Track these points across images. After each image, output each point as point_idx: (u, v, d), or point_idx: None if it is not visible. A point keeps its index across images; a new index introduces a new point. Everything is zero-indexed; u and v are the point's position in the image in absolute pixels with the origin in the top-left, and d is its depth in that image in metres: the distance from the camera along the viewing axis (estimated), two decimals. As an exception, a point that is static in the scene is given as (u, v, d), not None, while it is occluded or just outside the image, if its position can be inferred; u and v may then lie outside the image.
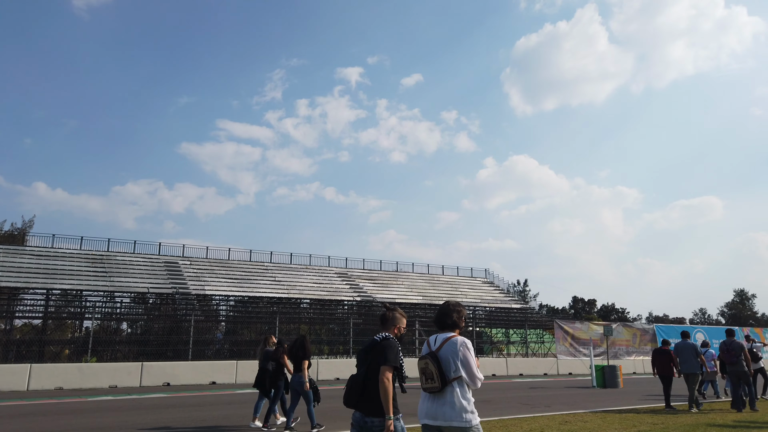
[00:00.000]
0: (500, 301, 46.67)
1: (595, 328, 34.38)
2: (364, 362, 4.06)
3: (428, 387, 3.78)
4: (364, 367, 4.03)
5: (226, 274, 40.03)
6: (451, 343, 3.80)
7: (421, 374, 3.82)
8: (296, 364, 9.29)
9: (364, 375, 4.00)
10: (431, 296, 44.35)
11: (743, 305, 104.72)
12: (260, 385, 9.88)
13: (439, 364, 3.72)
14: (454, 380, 3.73)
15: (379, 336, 4.14)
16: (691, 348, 12.31)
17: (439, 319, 4.01)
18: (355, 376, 4.13)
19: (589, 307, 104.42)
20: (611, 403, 13.67)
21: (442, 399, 3.72)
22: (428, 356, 3.78)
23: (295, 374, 9.24)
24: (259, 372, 9.98)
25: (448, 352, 3.78)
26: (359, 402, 4.00)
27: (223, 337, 35.12)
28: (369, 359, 4.00)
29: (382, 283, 45.49)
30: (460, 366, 3.75)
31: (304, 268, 45.31)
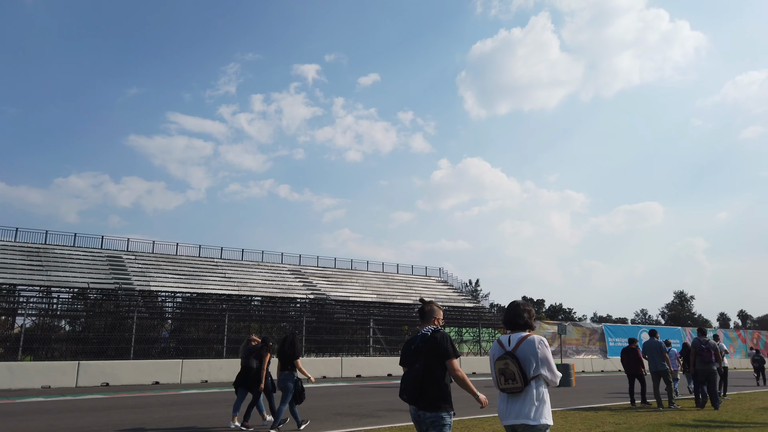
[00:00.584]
0: (454, 300, 46.78)
1: (546, 327, 34.79)
2: (418, 357, 4.06)
3: (509, 387, 3.73)
4: (421, 362, 4.02)
5: (173, 269, 38.49)
6: (529, 341, 3.76)
7: (500, 375, 3.77)
8: (285, 363, 9.02)
9: (423, 370, 3.99)
10: (386, 295, 44.01)
11: (682, 306, 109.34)
12: (242, 384, 9.53)
13: (520, 364, 3.67)
14: (533, 379, 3.70)
15: (428, 329, 4.14)
16: (657, 347, 12.52)
17: (510, 319, 3.97)
18: (413, 371, 4.07)
19: (537, 307, 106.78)
20: (569, 402, 13.56)
21: (521, 398, 3.68)
22: (508, 356, 3.72)
23: (282, 373, 8.98)
24: (242, 370, 9.63)
25: (526, 351, 3.73)
26: (419, 398, 4.01)
27: (169, 335, 33.68)
28: (424, 353, 4.01)
29: (336, 280, 44.84)
30: (540, 364, 3.71)
31: (256, 264, 44.15)
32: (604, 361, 34.68)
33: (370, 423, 9.76)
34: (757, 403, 12.97)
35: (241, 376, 9.61)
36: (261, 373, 9.40)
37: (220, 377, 21.43)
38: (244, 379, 9.52)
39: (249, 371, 9.49)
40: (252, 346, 9.82)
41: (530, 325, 3.91)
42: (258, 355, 9.56)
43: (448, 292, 49.09)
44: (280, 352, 9.20)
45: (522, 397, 3.68)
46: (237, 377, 9.69)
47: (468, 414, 10.75)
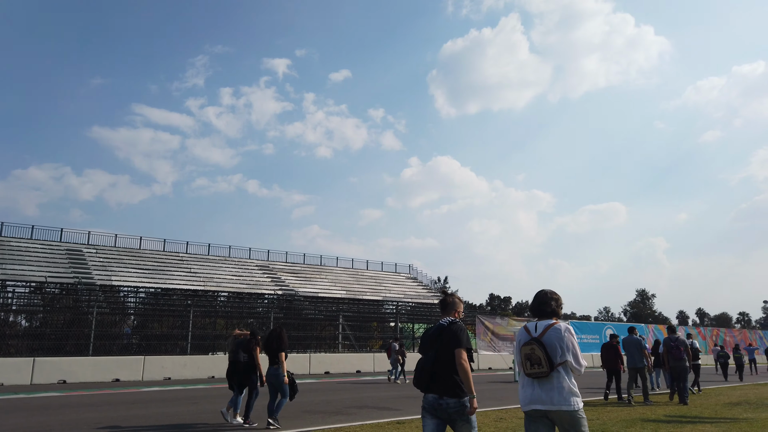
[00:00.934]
0: (423, 296, 46.76)
1: (515, 323, 34.97)
2: (433, 346, 4.14)
3: (535, 372, 3.76)
4: (434, 350, 4.10)
5: (136, 264, 37.42)
6: (555, 329, 3.82)
7: (526, 360, 3.82)
8: (272, 357, 8.79)
9: (434, 358, 4.07)
10: (355, 291, 43.69)
11: (644, 304, 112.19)
12: (233, 379, 9.26)
13: (546, 350, 3.72)
14: (559, 365, 3.73)
15: (445, 320, 4.22)
16: (636, 343, 12.69)
17: (537, 307, 4.04)
18: (425, 359, 4.16)
19: (504, 304, 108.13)
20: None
21: (549, 384, 3.71)
22: (534, 342, 3.78)
23: (271, 367, 8.75)
24: (230, 365, 9.32)
25: (553, 337, 3.78)
26: (431, 385, 4.08)
27: (132, 331, 32.67)
28: (438, 343, 4.11)
29: (305, 276, 44.31)
30: (566, 351, 3.77)
31: (223, 259, 43.29)
32: (571, 357, 35.11)
33: (340, 420, 9.46)
34: (723, 399, 13.14)
35: (230, 371, 9.29)
36: (256, 367, 9.14)
37: (183, 374, 20.81)
38: (234, 374, 9.23)
39: (238, 366, 9.18)
40: (240, 340, 9.51)
41: (557, 313, 3.98)
42: (246, 349, 9.25)
43: (417, 288, 49.06)
44: (265, 346, 8.94)
45: (550, 383, 3.72)
46: (227, 373, 9.38)
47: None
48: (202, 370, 21.40)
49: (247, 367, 9.15)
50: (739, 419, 9.25)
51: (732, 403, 12.19)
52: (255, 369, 9.13)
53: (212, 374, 21.42)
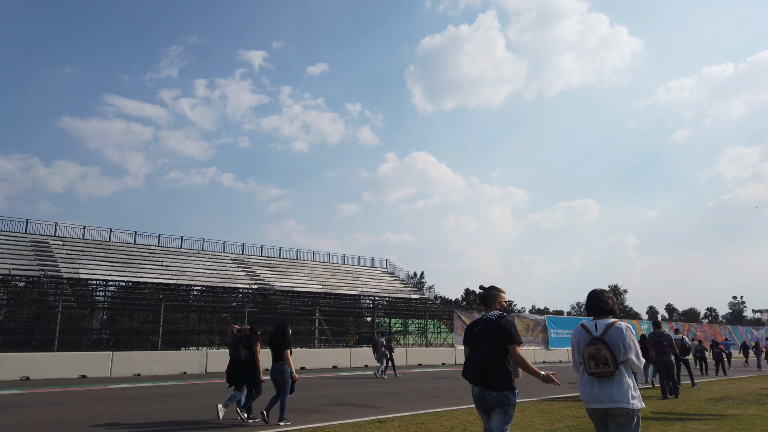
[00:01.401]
0: (400, 291, 46.51)
1: (492, 318, 34.98)
2: (483, 340, 4.17)
3: (600, 371, 3.80)
4: (485, 345, 4.13)
5: (105, 257, 36.33)
6: (616, 328, 3.86)
7: (590, 360, 3.84)
8: (277, 353, 8.64)
9: (486, 353, 4.10)
10: (331, 285, 43.20)
11: (616, 299, 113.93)
12: (233, 377, 9.13)
13: (610, 349, 3.79)
14: (621, 363, 3.79)
15: (493, 315, 4.24)
16: None
17: (594, 306, 4.07)
18: (476, 354, 4.20)
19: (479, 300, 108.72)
20: (521, 394, 13.22)
21: (610, 382, 3.77)
22: (598, 341, 3.84)
23: (276, 363, 8.60)
24: (231, 362, 9.19)
25: (615, 336, 3.82)
26: (479, 378, 4.15)
27: (102, 326, 31.68)
28: (488, 338, 4.14)
29: (281, 271, 43.64)
30: (628, 349, 3.81)
31: (197, 253, 42.36)
32: (546, 352, 35.21)
33: (317, 419, 9.05)
34: (704, 394, 13.07)
35: (231, 368, 9.14)
36: (256, 364, 8.99)
37: (154, 370, 20.13)
38: (235, 372, 9.08)
39: (238, 363, 9.03)
40: (240, 336, 9.35)
41: (614, 312, 4.02)
42: (247, 345, 9.10)
43: (394, 283, 48.77)
44: (271, 342, 8.77)
45: (613, 382, 3.78)
46: (227, 370, 9.21)
47: (426, 408, 10.21)
48: (173, 365, 20.74)
49: (248, 364, 8.98)
50: (726, 416, 9.10)
51: (714, 398, 12.12)
52: (256, 365, 8.99)
53: (184, 370, 20.77)
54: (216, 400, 11.55)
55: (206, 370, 21.24)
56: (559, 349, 35.91)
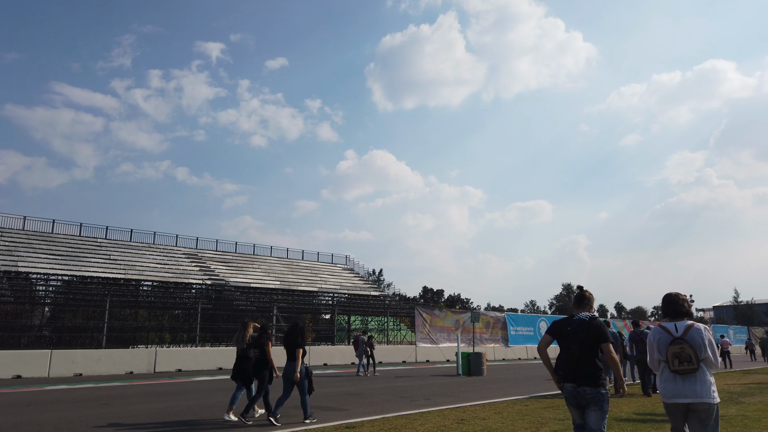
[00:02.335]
0: (360, 288, 45.71)
1: (452, 315, 34.60)
2: (575, 339, 4.39)
3: (683, 369, 4.08)
4: (577, 343, 4.37)
5: (47, 249, 34.14)
6: (696, 329, 4.16)
7: (674, 358, 4.12)
8: (291, 352, 8.38)
9: (578, 351, 4.35)
10: (290, 282, 42.03)
11: (569, 298, 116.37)
12: (240, 375, 8.85)
13: (693, 348, 4.10)
14: (702, 361, 4.08)
15: (584, 316, 4.50)
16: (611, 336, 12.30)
17: (672, 308, 4.35)
18: (568, 352, 4.41)
19: (437, 297, 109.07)
20: (492, 393, 12.67)
21: (693, 378, 4.08)
22: (682, 341, 4.15)
23: (289, 363, 8.33)
24: (238, 360, 8.91)
25: (695, 336, 4.12)
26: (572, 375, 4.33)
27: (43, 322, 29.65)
28: (581, 336, 4.38)
29: (237, 266, 42.16)
30: (707, 349, 4.14)
31: (147, 246, 40.43)
32: (506, 349, 35.09)
33: (284, 425, 8.17)
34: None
35: (238, 367, 8.89)
36: (268, 363, 8.74)
37: (97, 370, 18.73)
38: (243, 371, 8.82)
39: (247, 361, 8.77)
40: (253, 335, 9.14)
41: (690, 314, 4.31)
42: (258, 344, 8.89)
43: (354, 280, 47.93)
44: (286, 341, 8.56)
45: (696, 378, 4.07)
46: (234, 368, 8.96)
47: (396, 411, 9.46)
48: (118, 365, 19.36)
49: (258, 363, 8.74)
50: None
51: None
52: (266, 364, 8.73)
53: (130, 369, 19.42)
54: (164, 403, 10.54)
55: (155, 370, 19.95)
56: (519, 346, 35.87)
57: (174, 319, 34.97)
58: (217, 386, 14.67)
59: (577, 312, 4.59)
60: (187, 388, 14.42)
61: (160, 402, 11.03)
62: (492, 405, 10.13)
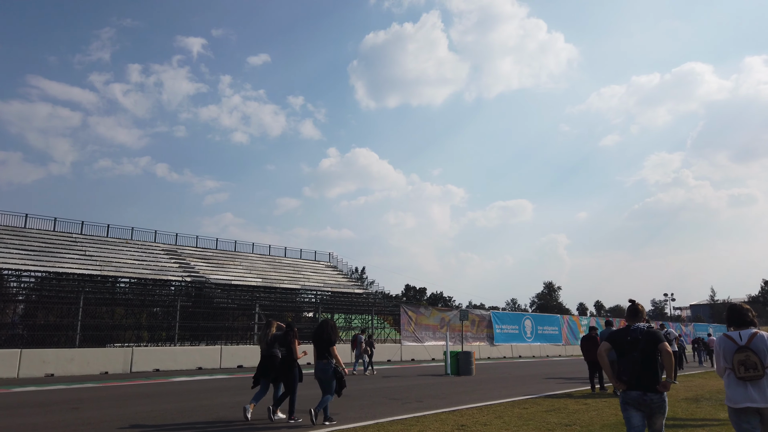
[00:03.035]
0: (344, 285, 45.07)
1: (437, 313, 34.14)
2: (635, 348, 4.70)
3: (749, 375, 4.29)
4: (639, 351, 4.68)
5: (20, 244, 32.93)
6: (760, 337, 4.39)
7: (740, 365, 4.33)
8: (322, 350, 8.16)
9: (640, 359, 4.66)
10: (272, 279, 41.22)
11: (550, 296, 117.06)
12: (266, 374, 8.75)
13: (758, 355, 4.32)
14: (766, 367, 4.29)
15: (642, 325, 4.87)
16: None
17: (737, 318, 4.55)
18: (630, 360, 4.69)
19: (420, 295, 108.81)
20: (486, 395, 12.16)
21: (760, 384, 4.28)
22: (747, 349, 4.37)
23: (320, 361, 8.15)
24: (263, 360, 8.83)
25: (759, 344, 4.35)
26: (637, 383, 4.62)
27: (17, 321, 28.49)
28: (641, 346, 4.70)
29: (217, 263, 41.23)
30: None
31: (124, 242, 39.32)
32: (491, 348, 34.73)
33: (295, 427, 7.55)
34: (674, 393, 12.43)
35: (263, 366, 8.78)
36: (295, 362, 8.54)
37: (70, 370, 17.86)
38: (268, 370, 8.72)
39: (274, 360, 8.69)
40: (277, 334, 9.00)
41: (755, 323, 4.48)
42: (284, 342, 8.72)
43: (337, 277, 47.27)
44: (315, 339, 8.29)
45: (761, 383, 4.23)
46: (259, 367, 8.84)
47: (390, 415, 8.89)
48: (92, 365, 18.50)
49: (285, 362, 8.54)
50: (724, 421, 8.29)
51: (689, 398, 11.46)
52: (294, 363, 8.54)
53: (105, 369, 18.58)
54: (138, 407, 9.80)
55: (131, 370, 19.13)
56: (504, 344, 35.55)
57: (153, 317, 33.97)
58: (196, 387, 13.95)
59: (632, 323, 4.91)
60: (164, 389, 13.68)
61: (135, 405, 10.31)
62: (490, 408, 9.61)
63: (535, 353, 37.03)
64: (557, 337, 40.62)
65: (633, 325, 4.87)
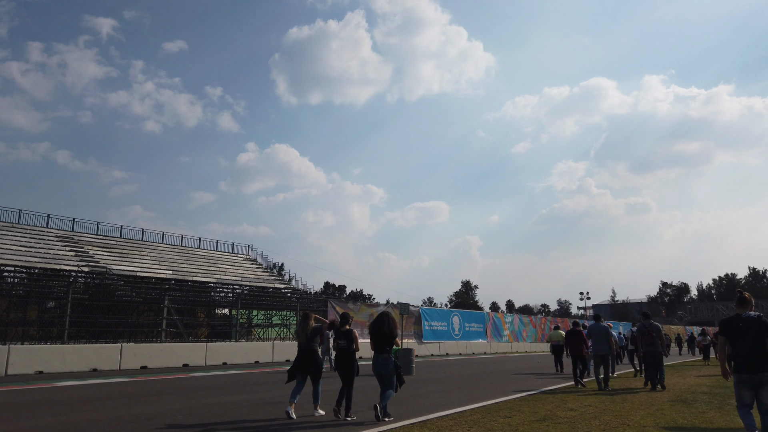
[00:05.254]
0: (264, 280, 42.22)
1: (366, 309, 32.36)
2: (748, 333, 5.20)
3: None
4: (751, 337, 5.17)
5: None
6: None
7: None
8: (380, 344, 7.81)
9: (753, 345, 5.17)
10: (184, 271, 37.70)
11: (468, 294, 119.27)
12: (306, 369, 8.25)
13: None
14: None
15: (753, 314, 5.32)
16: (603, 331, 12.38)
17: None
18: (746, 345, 5.20)
19: (339, 293, 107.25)
20: (447, 399, 10.37)
21: None
22: None
23: (381, 356, 7.80)
24: (302, 354, 8.34)
25: None
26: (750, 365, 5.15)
27: None
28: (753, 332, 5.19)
29: (122, 252, 37.13)
30: None
31: (10, 226, 34.41)
32: (419, 345, 33.37)
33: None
34: (652, 394, 11.23)
35: (303, 361, 8.32)
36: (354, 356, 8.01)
37: None
38: (309, 365, 8.27)
39: (315, 355, 8.33)
40: (318, 327, 8.61)
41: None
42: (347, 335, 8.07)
43: (257, 271, 44.28)
44: (374, 332, 7.91)
45: None
46: (296, 362, 8.39)
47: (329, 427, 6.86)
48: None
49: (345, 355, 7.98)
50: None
51: (672, 399, 10.24)
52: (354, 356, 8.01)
53: (-29, 373, 15.15)
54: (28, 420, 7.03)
55: (6, 372, 15.83)
56: (432, 342, 34.29)
57: (45, 312, 29.68)
58: (85, 394, 11.15)
59: (741, 311, 5.32)
60: (40, 397, 10.83)
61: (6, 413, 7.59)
62: (465, 418, 7.79)
63: (462, 351, 36.09)
64: (482, 334, 40.06)
65: (744, 312, 5.32)
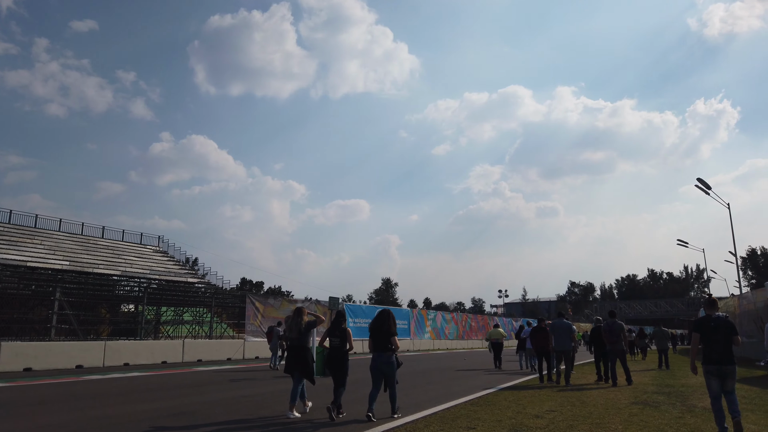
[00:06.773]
0: (176, 274, 39.21)
1: (288, 305, 30.52)
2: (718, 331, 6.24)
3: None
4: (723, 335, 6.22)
5: None
6: None
7: None
8: (384, 342, 7.73)
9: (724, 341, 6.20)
10: (83, 262, 34.11)
11: (388, 291, 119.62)
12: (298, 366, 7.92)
13: None
14: None
15: (721, 315, 6.52)
16: (566, 327, 12.74)
17: None
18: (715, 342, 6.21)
19: (257, 289, 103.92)
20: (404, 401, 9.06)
21: None
22: None
23: (383, 354, 7.69)
24: (293, 351, 8.06)
25: None
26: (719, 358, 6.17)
27: None
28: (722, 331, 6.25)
29: (9, 240, 33.01)
30: None
31: None
32: (342, 343, 31.97)
33: None
34: (607, 394, 10.48)
35: (296, 357, 8.02)
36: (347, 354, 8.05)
37: None
38: (302, 362, 7.97)
39: (307, 352, 8.08)
40: (311, 322, 8.31)
41: None
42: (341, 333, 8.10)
43: (168, 264, 41.10)
44: (374, 329, 7.86)
45: None
46: (288, 360, 8.11)
47: None
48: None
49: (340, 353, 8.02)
50: None
51: (635, 402, 9.49)
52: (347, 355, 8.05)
53: None
54: None
55: None
56: (356, 340, 32.94)
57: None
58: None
59: (711, 312, 6.37)
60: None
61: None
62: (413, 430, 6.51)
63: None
64: (407, 331, 39.31)
65: (713, 314, 6.32)
